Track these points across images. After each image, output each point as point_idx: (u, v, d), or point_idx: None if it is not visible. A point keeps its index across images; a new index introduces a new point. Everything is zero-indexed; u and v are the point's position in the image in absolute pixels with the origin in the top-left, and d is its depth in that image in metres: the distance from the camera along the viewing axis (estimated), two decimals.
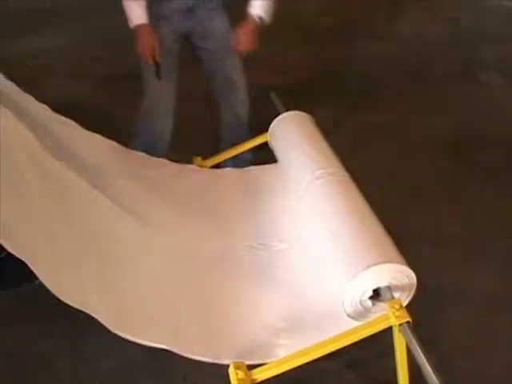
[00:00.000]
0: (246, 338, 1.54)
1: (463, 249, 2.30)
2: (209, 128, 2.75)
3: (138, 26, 2.16)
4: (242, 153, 2.36)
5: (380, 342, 1.54)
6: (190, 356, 1.45)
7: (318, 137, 2.03)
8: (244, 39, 2.24)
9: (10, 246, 1.31)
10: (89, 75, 3.60)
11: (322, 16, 4.37)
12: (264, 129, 2.23)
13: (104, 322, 1.40)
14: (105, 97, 3.33)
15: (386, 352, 1.55)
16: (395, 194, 2.58)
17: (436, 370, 1.33)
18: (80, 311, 1.39)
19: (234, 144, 2.38)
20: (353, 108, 3.27)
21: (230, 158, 2.37)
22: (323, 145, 1.99)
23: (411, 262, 1.51)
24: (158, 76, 2.22)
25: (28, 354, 1.85)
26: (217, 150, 2.40)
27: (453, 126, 3.13)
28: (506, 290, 2.12)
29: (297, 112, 2.17)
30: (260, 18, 2.22)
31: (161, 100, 2.29)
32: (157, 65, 2.20)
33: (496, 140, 3.00)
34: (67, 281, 1.44)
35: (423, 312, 1.63)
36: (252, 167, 2.28)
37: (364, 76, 3.61)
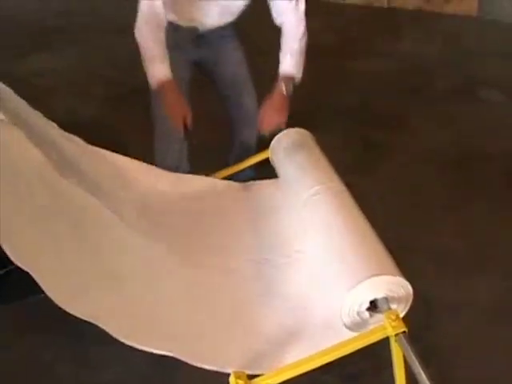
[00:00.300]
0: (249, 348, 1.56)
1: (463, 256, 2.34)
2: (212, 146, 2.79)
3: (163, 84, 2.00)
4: (244, 169, 2.39)
5: (379, 354, 1.56)
6: (194, 363, 1.46)
7: (318, 153, 2.07)
8: (269, 118, 2.12)
9: (12, 255, 1.33)
10: (96, 93, 3.65)
11: (322, 34, 4.43)
12: (266, 147, 2.26)
13: (113, 333, 1.41)
14: (111, 115, 3.38)
15: (385, 365, 1.56)
16: (395, 206, 2.62)
17: (432, 379, 1.34)
18: (83, 320, 1.40)
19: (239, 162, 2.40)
20: (353, 125, 3.31)
21: (231, 175, 2.40)
22: (322, 161, 2.02)
23: (410, 273, 1.53)
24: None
25: (30, 360, 1.90)
26: (221, 168, 2.43)
27: (454, 142, 3.18)
28: (506, 296, 2.16)
29: (297, 129, 2.21)
30: (291, 79, 2.11)
31: (172, 129, 2.22)
32: (186, 128, 2.07)
33: (496, 155, 3.05)
34: (73, 292, 1.46)
35: (423, 320, 1.66)
36: (253, 182, 2.31)
37: (364, 93, 3.66)
